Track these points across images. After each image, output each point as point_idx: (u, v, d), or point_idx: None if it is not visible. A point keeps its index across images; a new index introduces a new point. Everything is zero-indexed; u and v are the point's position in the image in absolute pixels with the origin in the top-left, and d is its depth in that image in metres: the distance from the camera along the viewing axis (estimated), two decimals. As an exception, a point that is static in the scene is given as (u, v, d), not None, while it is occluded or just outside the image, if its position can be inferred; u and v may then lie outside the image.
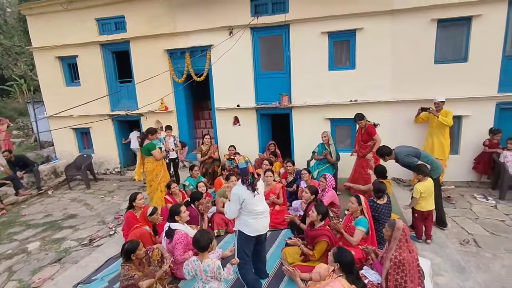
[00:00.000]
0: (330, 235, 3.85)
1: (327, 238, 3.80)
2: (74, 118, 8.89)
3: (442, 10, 6.20)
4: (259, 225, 3.54)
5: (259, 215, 3.53)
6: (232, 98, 7.72)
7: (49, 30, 8.51)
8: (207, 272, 3.04)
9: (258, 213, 3.52)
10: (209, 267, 3.05)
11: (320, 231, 3.87)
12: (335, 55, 7.01)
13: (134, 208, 4.75)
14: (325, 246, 3.81)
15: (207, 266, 3.05)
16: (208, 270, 3.04)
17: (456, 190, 6.44)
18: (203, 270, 3.05)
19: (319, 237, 3.82)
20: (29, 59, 16.58)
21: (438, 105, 6.10)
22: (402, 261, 3.18)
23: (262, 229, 3.59)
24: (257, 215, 3.51)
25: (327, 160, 6.34)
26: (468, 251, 4.38)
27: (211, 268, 3.04)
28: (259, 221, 3.54)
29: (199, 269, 3.06)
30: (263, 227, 3.60)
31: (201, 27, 7.45)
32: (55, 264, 4.76)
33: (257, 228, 3.54)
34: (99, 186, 8.50)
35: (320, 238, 3.81)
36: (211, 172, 7.25)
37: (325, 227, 3.91)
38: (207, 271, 3.04)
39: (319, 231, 3.89)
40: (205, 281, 3.09)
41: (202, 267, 3.05)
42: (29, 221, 6.43)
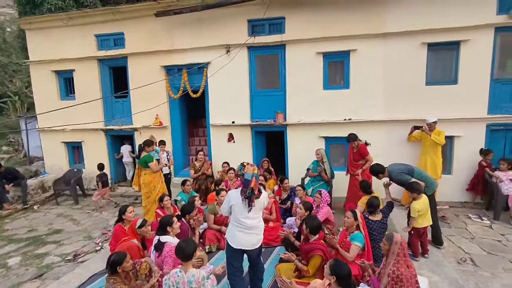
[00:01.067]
0: (324, 249, 3.74)
1: (321, 252, 3.68)
2: (66, 132, 8.80)
3: (432, 35, 6.45)
4: (243, 239, 3.41)
5: (246, 229, 3.41)
6: (227, 114, 7.75)
7: (48, 45, 8.59)
8: (191, 283, 2.87)
9: (245, 227, 3.40)
10: (194, 277, 2.89)
11: (314, 245, 3.77)
12: (329, 75, 7.17)
13: (123, 221, 4.59)
14: (319, 261, 3.69)
15: (191, 276, 2.89)
16: (193, 281, 2.88)
17: (451, 210, 6.41)
18: (187, 281, 2.88)
19: (313, 251, 3.70)
20: (25, 76, 16.59)
21: (431, 125, 6.18)
22: (400, 277, 3.08)
23: (248, 244, 3.43)
24: (244, 228, 3.40)
25: (321, 177, 6.30)
26: (466, 270, 4.28)
27: (196, 279, 2.89)
28: (245, 236, 3.41)
29: (182, 281, 2.88)
30: (249, 243, 3.43)
31: (199, 44, 7.60)
32: (35, 280, 4.51)
33: (240, 242, 3.41)
34: (88, 201, 8.24)
35: (314, 252, 3.69)
36: (204, 188, 7.11)
37: (319, 241, 3.81)
38: (191, 282, 2.87)
39: (313, 245, 3.78)
40: None
41: (186, 279, 2.88)
42: (11, 236, 6.15)
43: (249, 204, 3.36)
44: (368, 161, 6.00)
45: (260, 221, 3.53)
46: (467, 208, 6.51)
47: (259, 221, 3.52)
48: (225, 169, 7.05)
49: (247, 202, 3.36)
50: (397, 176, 4.77)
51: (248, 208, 3.37)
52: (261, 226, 3.54)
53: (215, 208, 5.25)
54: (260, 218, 3.55)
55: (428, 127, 6.20)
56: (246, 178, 3.36)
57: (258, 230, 3.49)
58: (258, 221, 3.50)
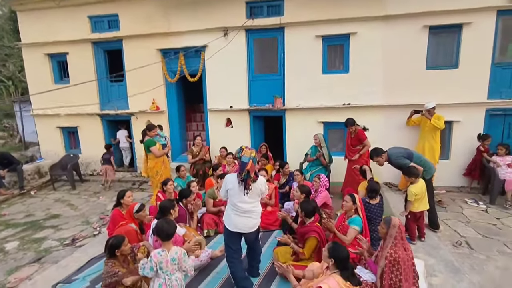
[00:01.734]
0: (319, 231, 3.74)
1: (316, 234, 3.69)
2: (61, 117, 8.68)
3: (434, 17, 6.32)
4: (238, 222, 3.42)
5: (241, 213, 3.41)
6: (225, 99, 7.65)
7: (40, 27, 8.34)
8: (175, 260, 2.91)
9: (240, 211, 3.41)
10: (176, 254, 2.93)
11: (309, 228, 3.77)
12: (329, 59, 7.05)
13: (121, 206, 4.56)
14: (314, 243, 3.70)
15: (174, 253, 2.92)
16: (176, 258, 2.91)
17: (447, 194, 6.45)
18: (170, 259, 2.89)
19: (308, 234, 3.71)
20: (18, 60, 16.24)
21: (429, 111, 6.15)
22: (397, 259, 3.09)
23: (243, 227, 3.44)
24: (240, 212, 3.41)
25: (320, 162, 6.29)
26: (461, 253, 4.33)
27: (178, 256, 2.92)
28: (240, 219, 3.42)
29: (165, 259, 2.88)
30: (245, 226, 3.44)
31: (196, 27, 7.41)
32: (34, 264, 4.51)
33: (235, 224, 3.43)
34: (85, 187, 8.22)
35: (309, 234, 3.70)
36: (201, 173, 7.10)
37: (314, 224, 3.81)
38: (174, 259, 2.91)
39: (308, 227, 3.79)
40: (170, 273, 2.91)
41: (169, 257, 2.90)
42: (8, 221, 6.13)
43: (245, 187, 3.34)
44: (365, 146, 6.03)
45: (256, 206, 3.50)
46: (464, 193, 6.55)
47: (255, 206, 3.50)
48: (222, 154, 7.02)
49: (243, 185, 3.35)
50: (396, 160, 4.77)
51: (244, 191, 3.35)
52: (258, 211, 3.53)
53: (214, 193, 5.24)
54: (257, 203, 3.53)
55: (427, 113, 6.17)
56: (243, 161, 3.34)
57: (254, 214, 3.48)
58: (254, 205, 3.48)
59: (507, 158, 6.01)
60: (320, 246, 3.73)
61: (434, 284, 3.60)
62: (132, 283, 3.17)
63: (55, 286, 3.79)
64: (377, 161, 4.88)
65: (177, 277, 2.95)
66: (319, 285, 2.72)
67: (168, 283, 2.89)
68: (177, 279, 2.94)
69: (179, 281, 2.95)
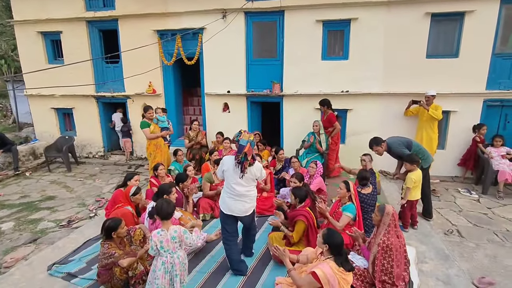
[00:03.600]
0: (307, 215, 3.75)
1: (303, 218, 3.70)
2: (56, 98, 8.54)
3: (436, 4, 6.21)
4: (232, 205, 3.48)
5: (235, 196, 3.46)
6: (223, 83, 7.55)
7: (33, 3, 8.07)
8: (175, 238, 2.95)
9: (235, 194, 3.45)
10: (176, 232, 2.97)
11: (298, 211, 3.80)
12: (328, 45, 6.95)
13: (125, 188, 4.56)
14: (302, 227, 3.71)
15: (174, 232, 2.96)
16: (176, 236, 2.96)
17: (441, 184, 6.53)
18: (170, 238, 2.94)
19: (297, 217, 3.75)
20: (10, 39, 15.79)
21: (429, 98, 6.15)
22: (390, 246, 3.15)
23: (237, 210, 3.48)
24: (234, 195, 3.45)
25: (316, 149, 6.29)
26: (452, 241, 4.42)
27: (178, 234, 2.97)
28: (234, 202, 3.47)
29: (166, 238, 2.93)
30: (238, 209, 3.48)
31: (194, 8, 7.22)
32: (30, 245, 4.54)
33: (229, 207, 3.49)
34: (81, 169, 8.19)
35: (297, 218, 3.74)
36: (198, 158, 7.08)
37: (304, 208, 3.83)
38: (174, 238, 2.95)
39: (297, 211, 3.82)
40: (172, 251, 2.96)
41: (169, 236, 2.94)
42: (3, 202, 6.12)
43: (242, 170, 3.37)
44: (335, 128, 6.35)
45: (250, 190, 3.53)
46: (457, 183, 6.63)
47: (250, 190, 3.52)
48: (219, 140, 6.99)
49: (239, 167, 3.37)
50: (397, 149, 4.78)
51: (240, 174, 3.38)
52: (252, 195, 3.55)
53: (212, 177, 5.26)
54: (252, 187, 3.55)
55: (425, 100, 6.17)
56: (240, 144, 3.37)
57: (248, 199, 3.51)
58: (249, 190, 3.50)
59: (501, 149, 6.06)
60: (308, 229, 3.76)
61: (425, 270, 3.69)
62: (128, 264, 3.21)
63: (51, 266, 3.83)
64: (376, 150, 4.87)
65: (179, 255, 3.00)
66: (313, 270, 2.77)
67: (170, 261, 2.95)
68: (179, 257, 2.99)
69: (181, 259, 3.00)
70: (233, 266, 3.61)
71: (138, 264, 3.32)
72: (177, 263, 2.96)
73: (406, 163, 4.62)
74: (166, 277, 2.94)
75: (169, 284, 2.95)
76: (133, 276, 3.26)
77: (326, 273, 2.70)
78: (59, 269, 3.75)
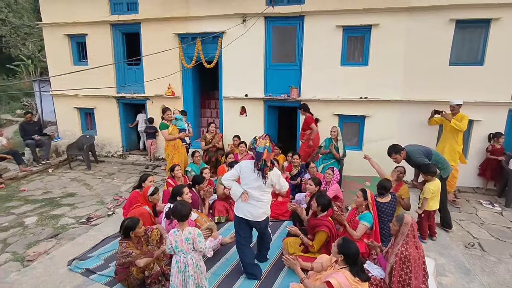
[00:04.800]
0: (330, 226, 3.76)
1: (326, 229, 3.70)
2: (79, 98, 8.83)
3: (462, 11, 6.07)
4: (246, 209, 3.49)
5: (250, 199, 3.47)
6: (241, 87, 7.61)
7: (61, 7, 8.41)
8: (189, 240, 2.99)
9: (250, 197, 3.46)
10: (190, 234, 3.01)
11: (321, 221, 3.79)
12: (348, 50, 6.90)
13: (141, 189, 4.66)
14: (324, 237, 3.72)
15: (188, 233, 3.01)
16: (190, 238, 3.00)
17: (462, 195, 6.33)
18: (184, 239, 2.99)
19: (319, 227, 3.73)
20: (37, 40, 16.48)
21: (454, 108, 5.78)
22: (408, 257, 3.09)
23: (250, 215, 3.49)
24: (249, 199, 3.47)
25: (332, 155, 6.24)
26: (473, 254, 4.28)
27: (192, 235, 3.00)
28: (248, 206, 3.48)
29: (180, 239, 2.99)
30: (251, 214, 3.49)
31: (214, 12, 7.33)
32: (51, 240, 4.68)
33: (243, 211, 3.51)
34: (100, 167, 8.42)
35: (320, 228, 3.72)
36: (214, 160, 7.15)
37: (326, 218, 3.82)
38: (188, 239, 2.99)
39: (319, 221, 3.81)
40: (186, 251, 3.01)
41: (183, 236, 3.00)
42: (27, 197, 6.36)
43: (263, 176, 3.40)
44: (312, 130, 6.56)
45: (265, 195, 3.53)
46: (479, 194, 6.42)
47: (264, 194, 3.52)
48: (235, 143, 7.03)
49: (260, 174, 3.40)
50: (416, 158, 4.64)
51: (263, 181, 3.41)
52: (265, 200, 3.54)
53: (226, 180, 5.28)
54: (267, 193, 3.56)
55: (451, 110, 5.85)
56: (258, 151, 3.38)
57: (262, 204, 3.51)
58: (262, 194, 3.51)
59: (527, 160, 5.83)
60: (330, 240, 3.74)
61: (444, 283, 3.59)
62: (145, 264, 3.28)
63: (71, 262, 3.95)
64: (394, 158, 4.74)
65: (193, 256, 3.04)
66: (328, 279, 2.73)
67: (183, 261, 3.01)
68: (193, 258, 3.03)
69: (194, 260, 3.04)
70: (246, 270, 3.62)
71: (154, 264, 3.38)
72: (190, 263, 3.01)
73: (423, 173, 4.50)
74: (179, 276, 3.00)
75: (182, 284, 3.00)
76: (149, 276, 3.32)
77: (341, 282, 2.66)
78: (78, 265, 3.86)
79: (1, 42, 18.71)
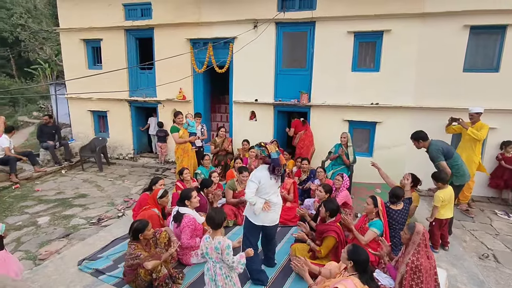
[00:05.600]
0: (338, 231, 3.71)
1: (335, 234, 3.65)
2: (93, 101, 9.02)
3: (476, 17, 5.97)
4: (266, 216, 3.50)
5: (272, 207, 3.48)
6: (251, 92, 7.65)
7: (77, 13, 8.66)
8: (218, 249, 2.95)
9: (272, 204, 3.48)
10: (219, 244, 2.96)
11: (329, 226, 3.74)
12: (359, 56, 6.86)
13: (151, 191, 4.72)
14: (332, 243, 3.66)
15: (218, 243, 2.96)
16: (219, 248, 2.95)
17: (476, 204, 6.16)
18: (214, 247, 2.97)
19: (327, 232, 3.69)
20: (54, 44, 16.98)
21: (473, 116, 5.58)
22: (419, 267, 3.01)
23: (268, 221, 3.53)
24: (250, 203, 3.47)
25: (342, 161, 6.18)
26: (487, 266, 4.15)
27: (221, 246, 2.95)
28: (268, 214, 3.49)
29: (210, 246, 2.98)
30: (270, 220, 3.52)
31: (226, 18, 7.42)
32: (63, 239, 4.77)
33: (263, 219, 3.51)
34: (111, 169, 8.56)
35: (328, 233, 3.68)
36: (223, 164, 7.18)
37: (335, 223, 3.77)
38: (217, 248, 2.95)
39: (328, 226, 3.76)
40: (215, 260, 3.00)
41: (213, 245, 2.97)
42: (41, 197, 6.50)
43: (282, 180, 3.50)
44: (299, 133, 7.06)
45: (280, 198, 3.64)
46: (494, 204, 6.25)
47: (279, 198, 3.64)
48: (245, 147, 7.05)
49: (279, 179, 3.48)
50: (433, 152, 4.64)
51: (279, 184, 3.48)
52: (281, 203, 3.66)
53: (234, 184, 5.30)
54: (280, 195, 3.67)
55: (469, 118, 5.65)
56: (273, 157, 3.39)
57: (279, 208, 3.60)
58: (279, 197, 3.62)
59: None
60: (338, 246, 3.70)
61: (456, 295, 3.49)
62: (153, 267, 3.29)
63: (81, 262, 4.00)
64: (415, 143, 4.88)
65: (222, 266, 2.99)
66: (336, 285, 2.69)
67: (213, 269, 3.01)
68: (222, 268, 2.99)
69: (224, 271, 2.99)
70: (253, 276, 3.60)
71: (162, 267, 3.39)
72: (218, 273, 2.98)
73: (433, 178, 4.41)
74: (212, 285, 3.01)
75: None
76: (156, 278, 3.33)
77: (350, 289, 2.62)
78: (88, 265, 3.91)
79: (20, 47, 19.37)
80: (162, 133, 8.56)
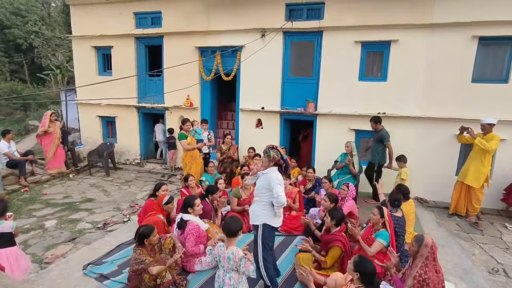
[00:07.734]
0: (344, 241, 3.67)
1: (340, 244, 3.62)
2: (102, 107, 9.16)
3: (484, 28, 5.96)
4: (280, 217, 3.53)
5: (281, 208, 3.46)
6: (258, 100, 7.69)
7: (89, 21, 8.88)
8: (230, 260, 2.94)
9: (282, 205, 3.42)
10: (232, 255, 2.95)
11: (335, 236, 3.71)
12: (366, 66, 6.88)
13: (156, 197, 4.74)
14: (338, 253, 3.63)
15: (231, 253, 2.95)
16: (231, 258, 2.94)
17: (485, 217, 6.04)
18: (226, 257, 2.96)
19: (333, 242, 3.65)
20: (66, 51, 17.36)
21: (484, 127, 5.50)
22: (427, 281, 2.95)
23: (280, 222, 3.57)
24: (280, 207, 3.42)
25: (348, 170, 6.14)
26: (497, 281, 4.05)
27: (234, 257, 2.93)
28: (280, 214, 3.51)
29: (223, 255, 2.98)
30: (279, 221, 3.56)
31: (234, 27, 7.52)
32: (69, 243, 4.80)
33: (279, 221, 3.55)
34: (118, 174, 8.62)
35: (334, 243, 3.64)
36: (229, 171, 7.19)
37: (340, 233, 3.74)
38: (230, 259, 2.94)
39: (333, 236, 3.73)
40: (226, 270, 2.99)
41: (226, 254, 2.96)
42: (49, 200, 6.57)
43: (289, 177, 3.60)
44: None
45: None
46: (504, 217, 6.11)
47: None
48: (250, 155, 7.07)
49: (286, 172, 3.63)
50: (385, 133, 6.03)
51: None
52: None
53: (239, 192, 5.29)
54: None
55: (481, 128, 5.57)
56: (285, 159, 3.55)
57: None
58: None
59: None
60: (343, 256, 3.66)
61: (465, 310, 3.40)
62: (157, 272, 3.29)
63: (86, 266, 4.02)
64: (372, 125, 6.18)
65: (232, 276, 2.97)
66: (342, 296, 2.66)
67: (222, 277, 3.01)
68: (231, 279, 2.96)
69: (233, 281, 2.96)
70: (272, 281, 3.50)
71: (166, 272, 3.39)
72: (227, 283, 2.96)
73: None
74: None
75: None
76: (161, 284, 3.33)
77: (356, 302, 2.58)
78: (93, 270, 3.93)
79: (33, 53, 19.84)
80: (172, 139, 8.54)
